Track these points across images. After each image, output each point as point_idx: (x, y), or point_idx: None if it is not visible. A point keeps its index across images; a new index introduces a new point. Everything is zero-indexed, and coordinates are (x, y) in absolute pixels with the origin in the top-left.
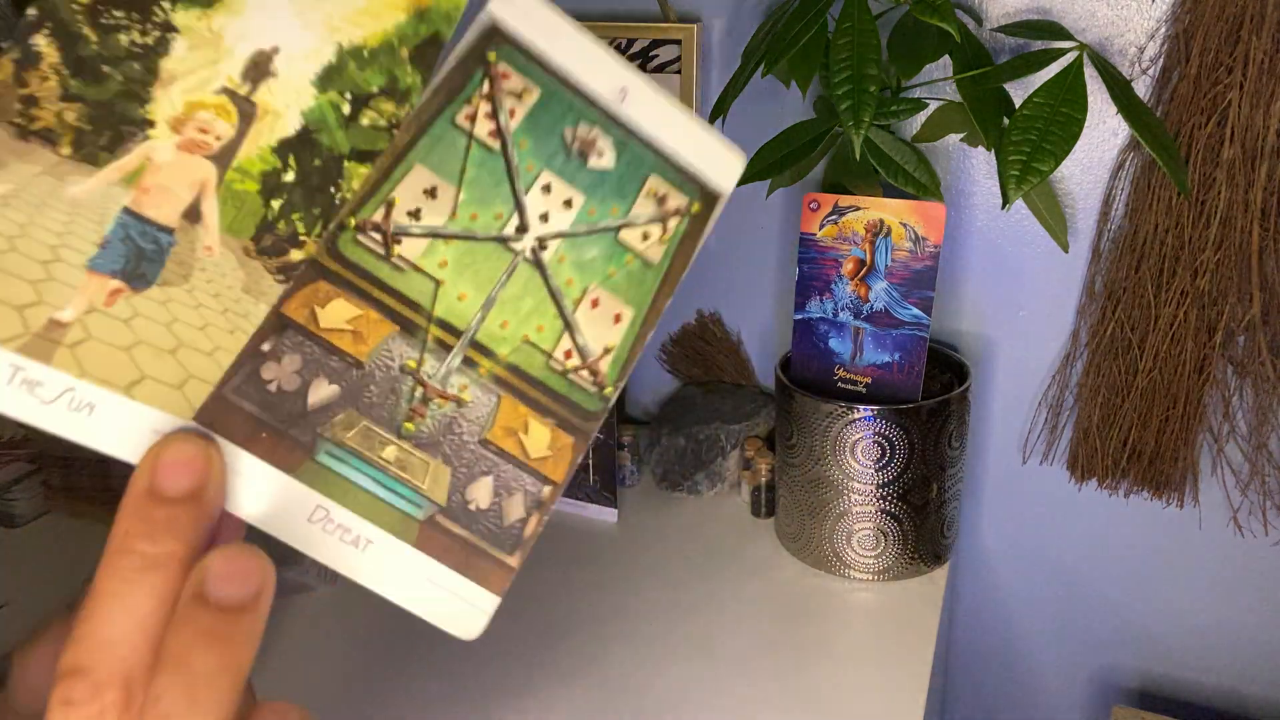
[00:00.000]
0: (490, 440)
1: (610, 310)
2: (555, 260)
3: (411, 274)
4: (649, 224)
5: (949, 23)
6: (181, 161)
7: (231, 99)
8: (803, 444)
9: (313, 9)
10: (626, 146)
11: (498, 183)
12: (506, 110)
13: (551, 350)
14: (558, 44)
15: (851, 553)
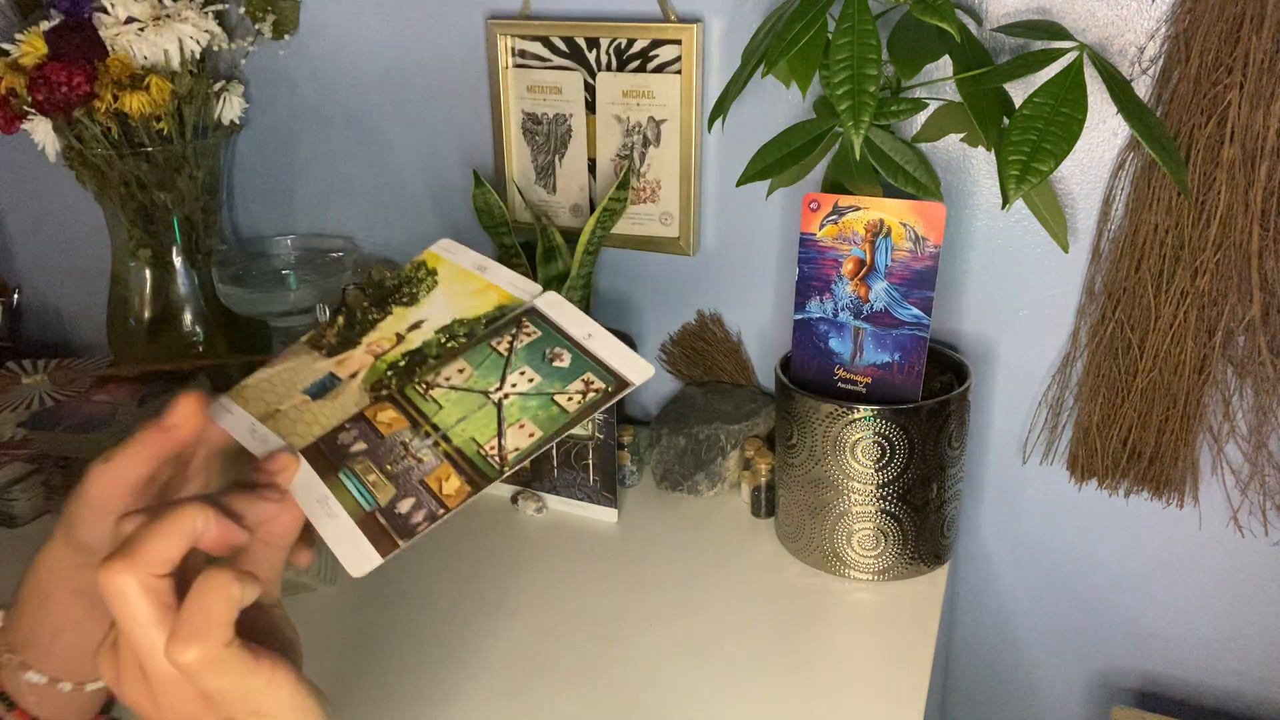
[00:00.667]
0: (425, 482)
1: (528, 430)
2: (509, 404)
3: (430, 403)
4: (576, 393)
5: (949, 23)
6: (361, 356)
7: (397, 337)
8: (803, 444)
9: (455, 305)
10: (579, 358)
11: (497, 370)
12: (517, 340)
13: (484, 445)
14: (561, 315)
15: (851, 553)
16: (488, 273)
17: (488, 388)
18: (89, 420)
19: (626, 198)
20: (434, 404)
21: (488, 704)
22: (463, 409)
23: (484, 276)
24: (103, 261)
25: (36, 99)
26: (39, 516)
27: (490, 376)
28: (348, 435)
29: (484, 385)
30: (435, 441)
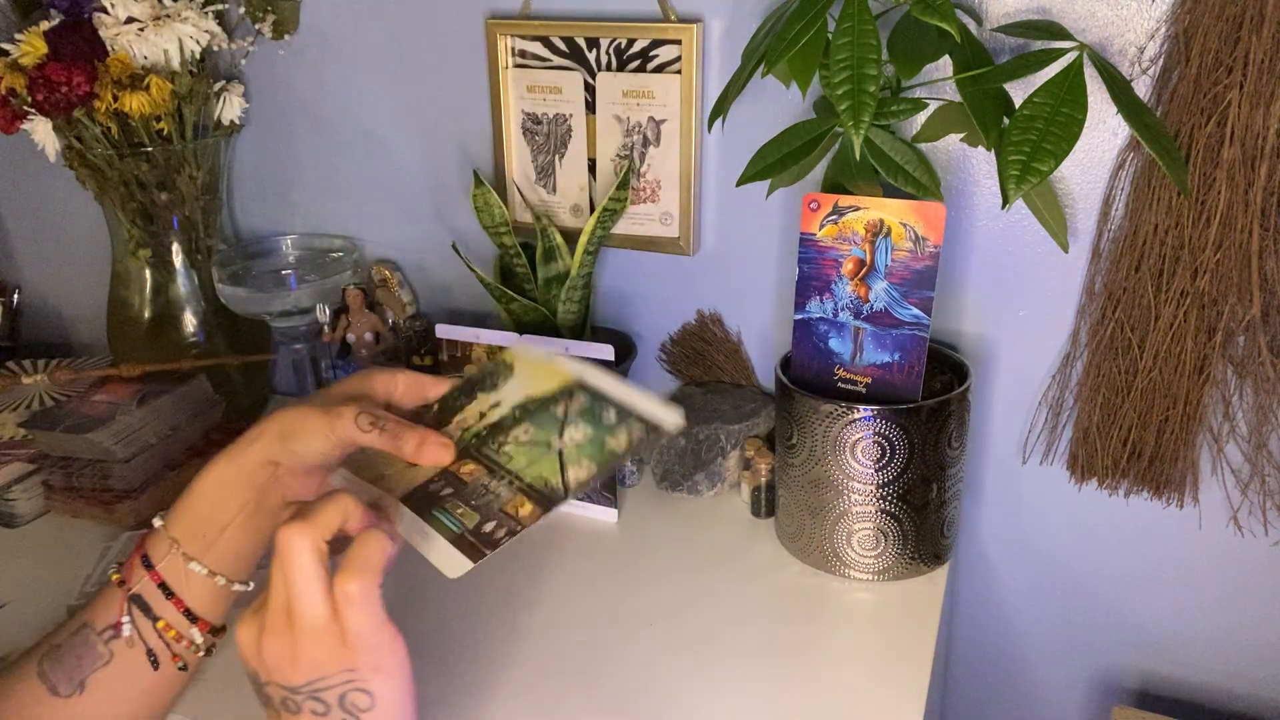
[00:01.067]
0: (504, 509)
1: (585, 467)
2: (569, 451)
3: (504, 455)
4: (621, 439)
5: (949, 23)
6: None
7: (479, 415)
8: (803, 444)
9: (526, 388)
10: (621, 413)
11: (555, 428)
12: (571, 405)
13: (549, 479)
14: (602, 382)
15: (851, 553)
16: (556, 360)
17: (549, 442)
18: (89, 420)
19: (626, 198)
20: (506, 456)
21: (488, 704)
22: (530, 457)
23: (553, 363)
24: (103, 261)
25: (36, 99)
26: (39, 516)
27: (550, 434)
28: (436, 485)
29: (546, 439)
30: (510, 481)
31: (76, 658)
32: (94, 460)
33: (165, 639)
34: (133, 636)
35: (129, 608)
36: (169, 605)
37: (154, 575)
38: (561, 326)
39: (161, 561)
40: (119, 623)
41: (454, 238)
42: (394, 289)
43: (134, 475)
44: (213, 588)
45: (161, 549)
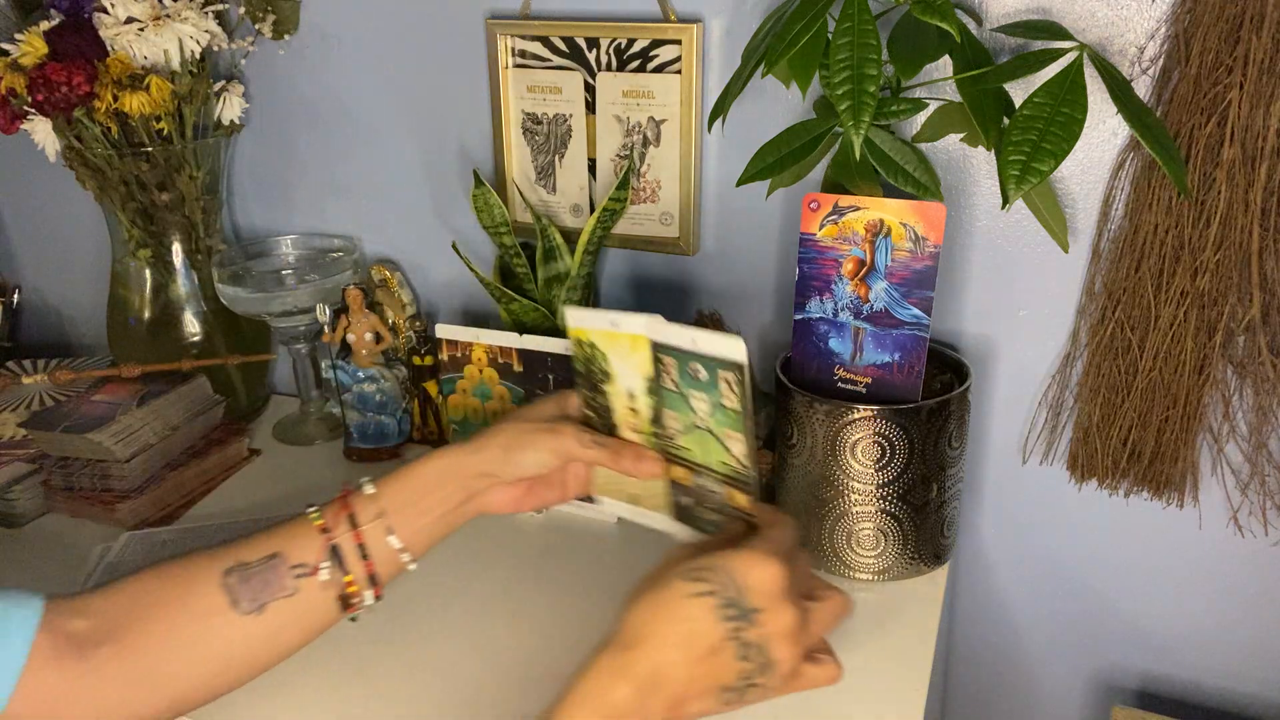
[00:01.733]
0: (730, 504)
1: (735, 438)
2: (713, 424)
3: (683, 450)
4: (729, 394)
5: (949, 23)
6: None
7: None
8: (803, 444)
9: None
10: (704, 363)
11: (683, 404)
12: (670, 372)
13: (730, 462)
14: (669, 335)
15: (851, 553)
16: (619, 325)
17: (695, 421)
18: (89, 420)
19: (626, 198)
20: (686, 449)
21: (487, 704)
22: (699, 445)
23: (618, 330)
24: (103, 261)
25: (36, 99)
26: (39, 516)
27: (686, 412)
28: (680, 498)
29: (690, 421)
30: (710, 476)
31: (264, 582)
32: (94, 460)
33: (346, 592)
34: (328, 582)
35: (329, 555)
36: (361, 565)
37: (356, 535)
38: (562, 327)
39: (366, 525)
40: (318, 566)
41: (454, 238)
42: (394, 289)
43: (134, 475)
44: (396, 562)
45: (368, 513)
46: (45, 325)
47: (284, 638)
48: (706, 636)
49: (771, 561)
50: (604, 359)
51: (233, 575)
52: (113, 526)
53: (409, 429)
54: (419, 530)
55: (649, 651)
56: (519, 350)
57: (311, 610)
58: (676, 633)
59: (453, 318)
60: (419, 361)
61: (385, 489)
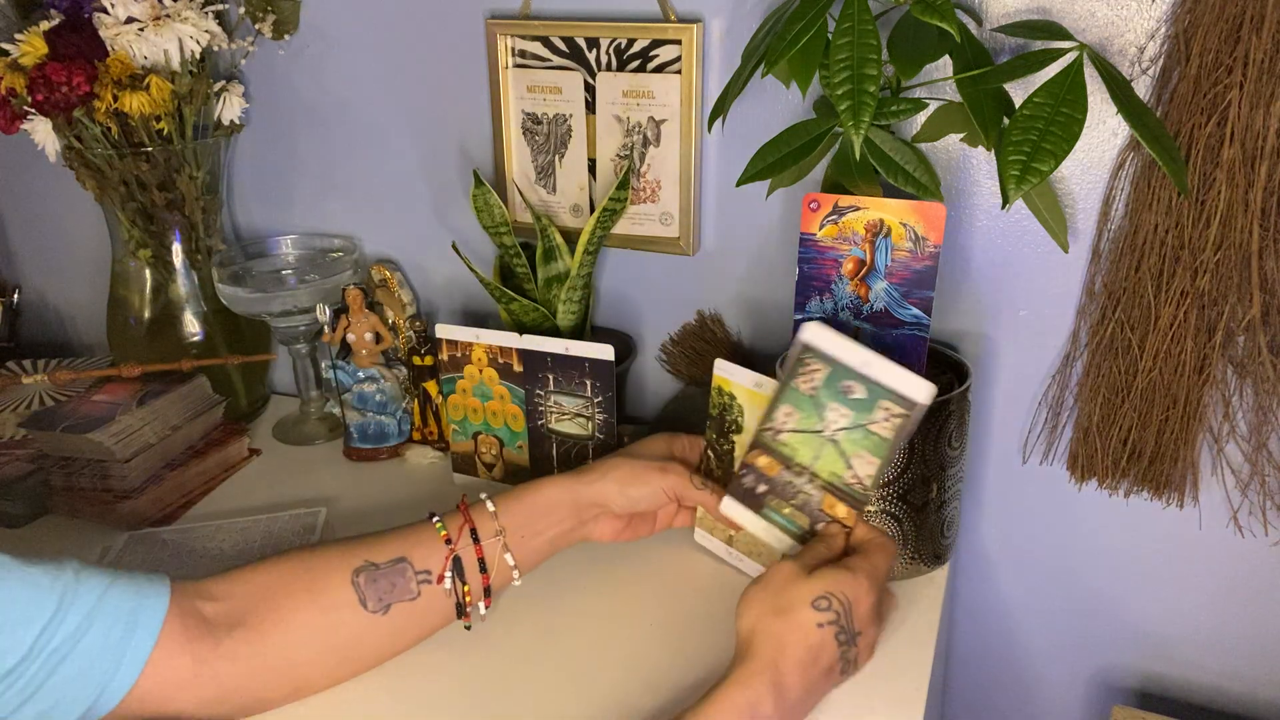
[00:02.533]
0: (823, 509)
1: (868, 460)
2: (843, 440)
3: (785, 446)
4: (882, 423)
5: (949, 23)
6: None
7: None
8: None
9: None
10: (869, 387)
11: (813, 410)
12: (814, 377)
13: (844, 475)
14: (833, 345)
15: None
16: (764, 388)
17: (818, 428)
18: (89, 420)
19: (626, 198)
20: (789, 447)
21: (486, 704)
22: (809, 448)
23: (761, 391)
24: (103, 261)
25: (36, 99)
26: (39, 516)
27: (812, 417)
28: (749, 479)
29: (813, 425)
30: (809, 478)
31: (390, 584)
32: (94, 460)
33: (462, 601)
34: (449, 590)
35: (452, 566)
36: (478, 578)
37: (478, 549)
38: (561, 327)
39: (487, 540)
40: (442, 574)
41: (454, 238)
42: (394, 289)
43: (134, 475)
44: (508, 576)
45: (488, 529)
46: (45, 325)
47: (404, 636)
48: (826, 657)
49: (875, 591)
50: (740, 413)
51: (362, 575)
52: (113, 526)
53: (409, 429)
54: (531, 550)
55: (782, 668)
56: (519, 350)
57: (431, 613)
58: (805, 653)
59: (453, 318)
60: (419, 361)
61: (505, 509)
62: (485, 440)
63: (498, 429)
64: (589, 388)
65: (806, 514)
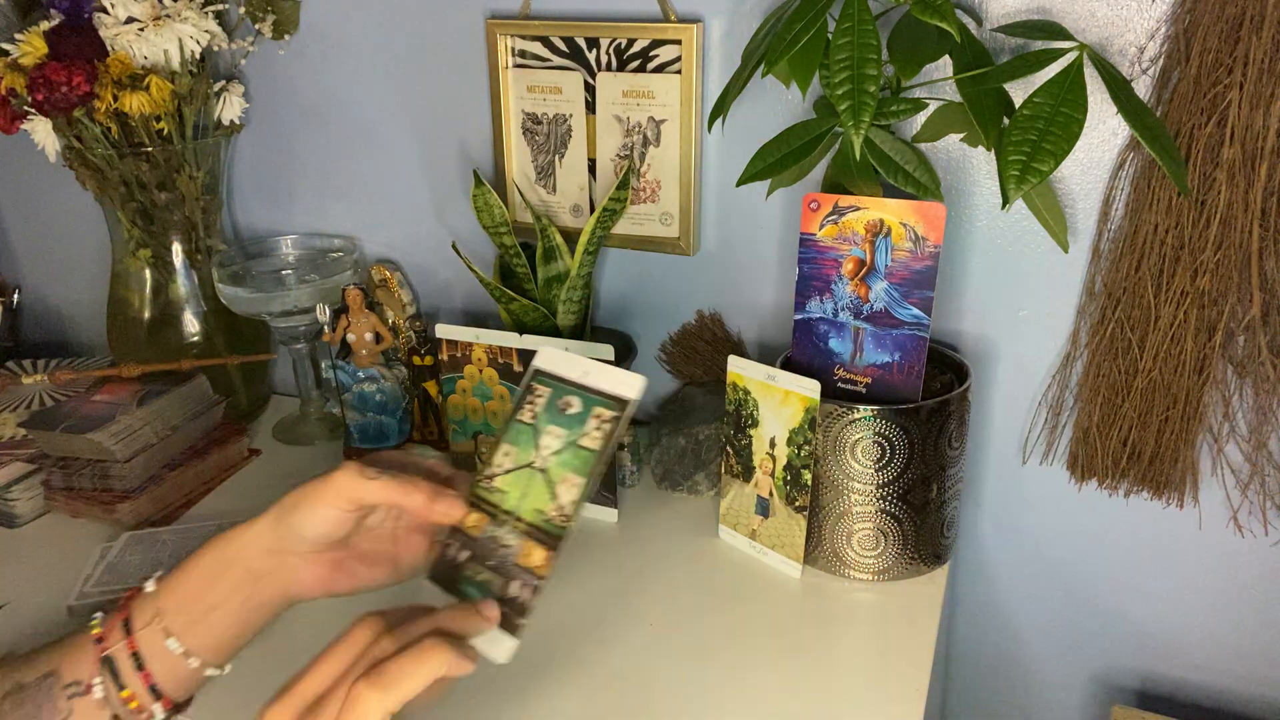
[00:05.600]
0: (518, 563)
1: (572, 483)
2: (551, 466)
3: (496, 493)
4: (593, 433)
5: (949, 23)
6: (763, 478)
7: (770, 458)
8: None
9: (778, 417)
10: (585, 398)
11: (530, 441)
12: (537, 405)
13: (546, 510)
14: (559, 365)
15: (851, 553)
16: (776, 380)
17: (530, 460)
18: (89, 420)
19: (626, 198)
20: (499, 493)
21: (486, 704)
22: (519, 486)
23: (774, 384)
24: (103, 261)
25: (36, 99)
26: (39, 516)
27: (528, 450)
28: (453, 550)
29: (526, 459)
30: (511, 526)
31: (36, 706)
32: (94, 460)
33: (127, 709)
34: (103, 700)
35: (103, 669)
36: (137, 677)
37: (130, 642)
38: (561, 327)
39: (142, 629)
40: (90, 683)
41: (454, 238)
42: (394, 289)
43: (134, 475)
44: (185, 668)
45: (145, 615)
46: (45, 325)
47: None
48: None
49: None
50: (755, 406)
51: (8, 701)
52: (113, 526)
53: (409, 429)
54: (208, 629)
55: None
56: (519, 350)
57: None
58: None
59: (453, 318)
60: (419, 361)
61: (164, 585)
62: (485, 440)
63: (498, 429)
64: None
65: (502, 573)
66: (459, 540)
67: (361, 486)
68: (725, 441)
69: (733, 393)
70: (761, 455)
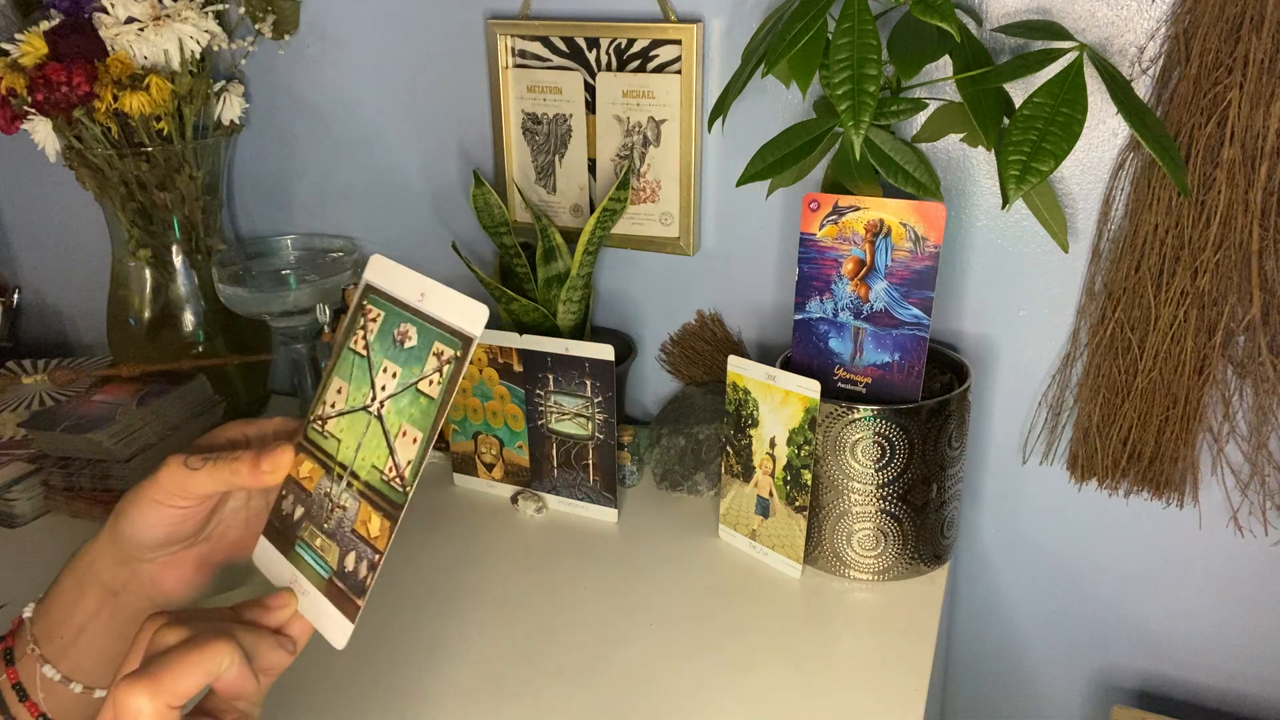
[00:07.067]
0: (355, 530)
1: (411, 436)
2: (388, 413)
3: (330, 439)
4: (433, 373)
5: (949, 23)
6: (763, 479)
7: (770, 458)
8: None
9: (778, 417)
10: (423, 329)
11: (364, 375)
12: (370, 331)
13: (384, 469)
14: (393, 282)
15: (851, 553)
16: (776, 380)
17: (365, 402)
18: (89, 420)
19: (626, 198)
20: (333, 439)
21: (487, 704)
22: (354, 434)
23: (774, 384)
24: (103, 261)
25: (36, 99)
26: (39, 516)
27: (362, 387)
28: (288, 503)
29: (361, 400)
30: (349, 483)
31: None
32: (94, 460)
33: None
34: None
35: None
36: (23, 708)
37: (11, 673)
38: (561, 327)
39: (21, 659)
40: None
41: (454, 238)
42: None
43: (134, 475)
44: (68, 695)
45: (23, 644)
46: (45, 325)
47: None
48: None
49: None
50: (755, 407)
51: None
52: None
53: None
54: (81, 653)
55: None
56: (519, 350)
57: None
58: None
59: None
60: None
61: (36, 612)
62: (485, 440)
63: (498, 429)
64: (589, 388)
65: (338, 540)
66: (294, 493)
67: (186, 479)
68: (725, 441)
69: (733, 393)
70: (761, 455)
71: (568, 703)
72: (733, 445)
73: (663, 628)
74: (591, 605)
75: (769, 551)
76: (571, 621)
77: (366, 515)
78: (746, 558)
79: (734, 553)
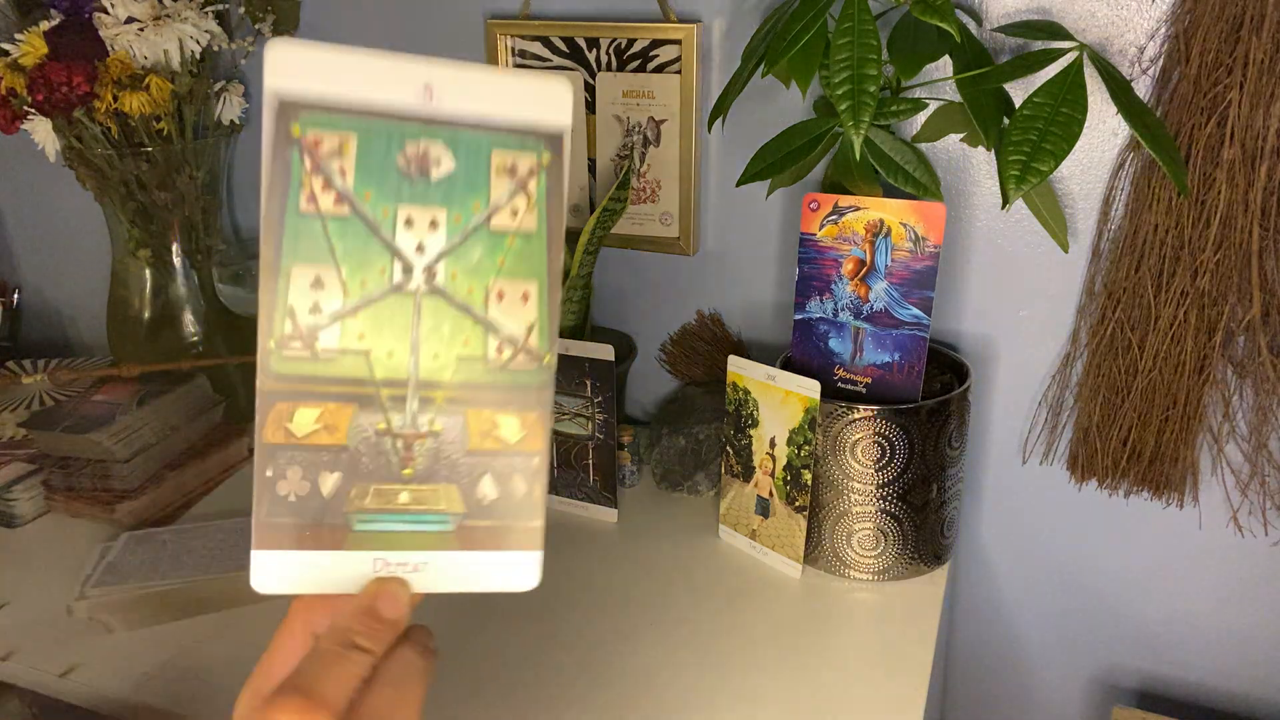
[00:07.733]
0: (473, 449)
1: (516, 293)
2: (449, 279)
3: (340, 358)
4: (512, 199)
5: (949, 23)
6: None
7: (770, 458)
8: None
9: (779, 417)
10: (457, 140)
11: (365, 241)
12: (336, 172)
13: (484, 354)
14: (344, 80)
15: (851, 553)
16: (776, 380)
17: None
18: (89, 420)
19: (626, 198)
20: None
21: (487, 704)
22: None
23: (774, 384)
24: (103, 261)
25: (36, 99)
26: (39, 516)
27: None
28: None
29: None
30: (425, 399)
31: None
32: (94, 460)
33: None
34: None
35: None
36: None
37: None
38: (562, 326)
39: None
40: None
41: None
42: None
43: (134, 475)
44: None
45: None
46: (45, 325)
47: None
48: None
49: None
50: (755, 407)
51: None
52: (113, 526)
53: None
54: None
55: None
56: None
57: None
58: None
59: None
60: None
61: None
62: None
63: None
64: (589, 388)
65: (452, 478)
66: (301, 464)
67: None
68: (725, 441)
69: (733, 393)
70: (761, 455)
71: (568, 702)
72: (733, 445)
73: (663, 628)
74: (591, 605)
75: (769, 551)
76: (571, 621)
77: (486, 424)
78: (746, 558)
79: (734, 553)
